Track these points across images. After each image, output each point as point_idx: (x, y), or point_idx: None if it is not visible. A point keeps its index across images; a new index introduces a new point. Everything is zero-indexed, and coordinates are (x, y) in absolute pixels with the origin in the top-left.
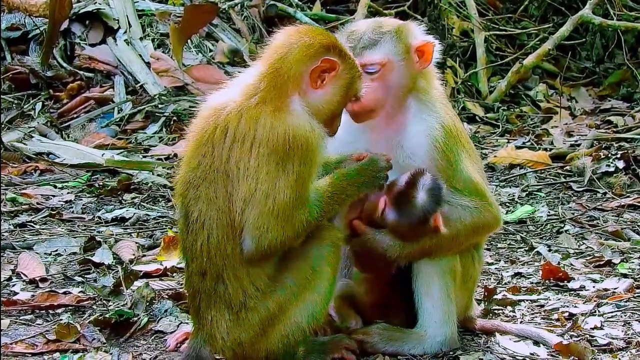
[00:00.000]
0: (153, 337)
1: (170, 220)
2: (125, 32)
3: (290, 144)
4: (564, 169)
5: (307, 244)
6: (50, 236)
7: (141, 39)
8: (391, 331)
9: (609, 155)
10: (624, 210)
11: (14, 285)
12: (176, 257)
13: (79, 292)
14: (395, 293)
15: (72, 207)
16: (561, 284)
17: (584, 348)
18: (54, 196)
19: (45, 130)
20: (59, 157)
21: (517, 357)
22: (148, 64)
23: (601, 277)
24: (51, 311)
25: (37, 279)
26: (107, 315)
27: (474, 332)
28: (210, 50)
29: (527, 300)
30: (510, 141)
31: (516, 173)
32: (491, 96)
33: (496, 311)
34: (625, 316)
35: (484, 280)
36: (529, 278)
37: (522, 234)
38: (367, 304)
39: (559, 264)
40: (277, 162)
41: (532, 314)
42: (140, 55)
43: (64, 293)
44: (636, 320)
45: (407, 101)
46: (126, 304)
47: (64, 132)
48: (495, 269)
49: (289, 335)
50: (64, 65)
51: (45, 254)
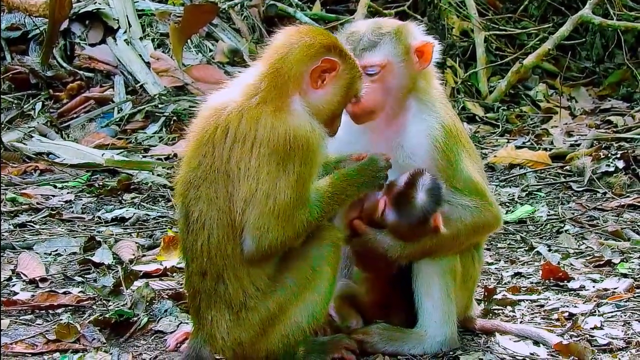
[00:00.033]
0: (153, 337)
1: (170, 220)
2: (125, 32)
3: (291, 144)
4: (564, 168)
5: (307, 244)
6: (50, 236)
7: (141, 38)
8: (391, 331)
9: (609, 155)
10: (624, 210)
11: (14, 285)
12: (176, 257)
13: (79, 292)
14: (395, 292)
15: (72, 207)
16: (561, 283)
17: (584, 348)
18: (54, 196)
19: (45, 130)
20: (59, 157)
21: (517, 357)
22: (148, 63)
23: (601, 277)
24: (51, 311)
25: (37, 279)
26: (107, 315)
27: (474, 332)
28: (210, 50)
29: (527, 300)
30: (510, 141)
31: (516, 173)
32: (491, 96)
33: (496, 311)
34: (625, 316)
35: (483, 280)
36: (528, 278)
37: (522, 233)
38: (368, 304)
39: (558, 263)
40: (278, 162)
41: (532, 313)
42: (140, 55)
43: (64, 293)
44: (636, 320)
45: (407, 102)
46: (126, 304)
47: (64, 132)
48: (495, 268)
49: (289, 335)
50: (64, 65)
51: (45, 254)
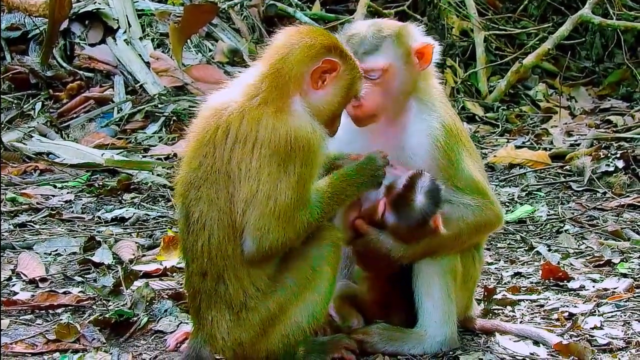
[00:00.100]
0: (153, 337)
1: (170, 220)
2: (125, 32)
3: (292, 145)
4: (564, 168)
5: (307, 244)
6: (50, 236)
7: (141, 38)
8: (391, 331)
9: (609, 154)
10: (624, 210)
11: (14, 285)
12: (176, 257)
13: (79, 292)
14: (395, 292)
15: (72, 207)
16: (561, 283)
17: (584, 348)
18: (53, 196)
19: (45, 130)
20: (58, 157)
21: (517, 357)
22: (148, 63)
23: (601, 277)
24: (51, 311)
25: (37, 278)
26: (107, 315)
27: (474, 332)
28: (210, 50)
29: (526, 300)
30: (509, 141)
31: (516, 173)
32: (491, 96)
33: (496, 311)
34: (625, 316)
35: (483, 280)
36: (528, 278)
37: (522, 233)
38: (369, 303)
39: (558, 263)
40: (279, 164)
41: (532, 313)
42: (140, 55)
43: (64, 293)
44: (636, 320)
45: (407, 102)
46: (126, 304)
47: (63, 132)
48: (495, 268)
49: (289, 335)
50: (64, 65)
51: (45, 253)
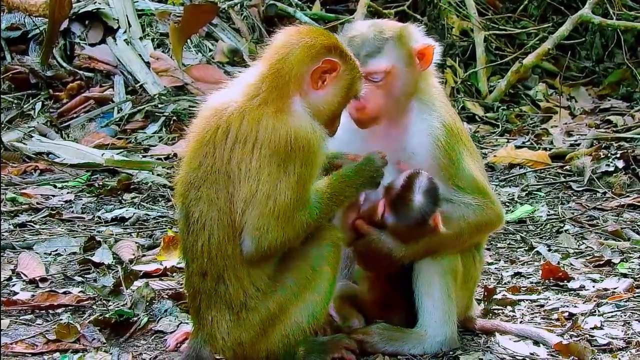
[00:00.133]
0: (153, 337)
1: (170, 220)
2: (125, 31)
3: (292, 145)
4: (564, 168)
5: (307, 244)
6: (50, 236)
7: (141, 38)
8: (391, 331)
9: (609, 154)
10: (624, 210)
11: (14, 285)
12: (176, 257)
13: (79, 292)
14: (396, 291)
15: (72, 207)
16: (561, 283)
17: (584, 348)
18: (53, 196)
19: (45, 130)
20: (58, 157)
21: (517, 357)
22: (148, 63)
23: (601, 277)
24: (51, 311)
25: (37, 278)
26: (107, 315)
27: (474, 332)
28: (210, 50)
29: (527, 300)
30: (510, 141)
31: (516, 173)
32: (491, 96)
33: (496, 311)
34: (625, 316)
35: (483, 280)
36: (528, 278)
37: (522, 233)
38: (369, 303)
39: (558, 263)
40: (279, 164)
41: (532, 313)
42: (140, 55)
43: (64, 293)
44: (636, 320)
45: (409, 103)
46: (126, 303)
47: (63, 132)
48: (495, 268)
49: (290, 335)
50: (64, 65)
51: (45, 253)
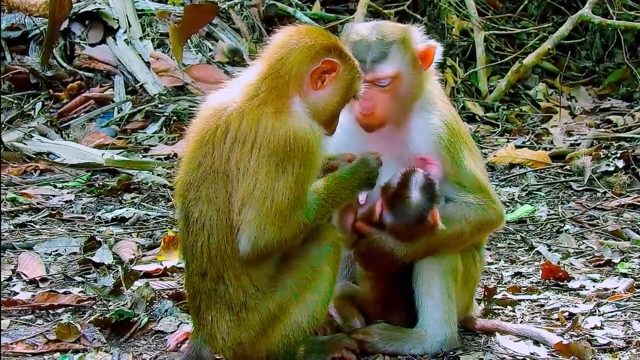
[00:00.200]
0: (153, 337)
1: (170, 220)
2: (125, 32)
3: (291, 145)
4: (564, 168)
5: (307, 243)
6: (51, 236)
7: (141, 38)
8: (391, 331)
9: (609, 154)
10: (624, 210)
11: (14, 285)
12: (176, 257)
13: (79, 292)
14: (396, 291)
15: (72, 207)
16: (561, 283)
17: (584, 348)
18: (54, 196)
19: (45, 130)
20: (59, 157)
21: (517, 357)
22: (148, 63)
23: (601, 277)
24: (51, 311)
25: (38, 279)
26: (107, 315)
27: (474, 332)
28: (210, 50)
29: (527, 300)
30: (510, 140)
31: (516, 172)
32: (491, 95)
33: (496, 311)
34: (625, 316)
35: (484, 280)
36: (529, 278)
37: (522, 233)
38: (370, 301)
39: (558, 263)
40: (277, 164)
41: (532, 313)
42: (140, 55)
43: (64, 293)
44: (636, 320)
45: (413, 104)
46: (126, 304)
47: (64, 132)
48: (495, 268)
49: (290, 335)
50: (64, 65)
51: (45, 254)
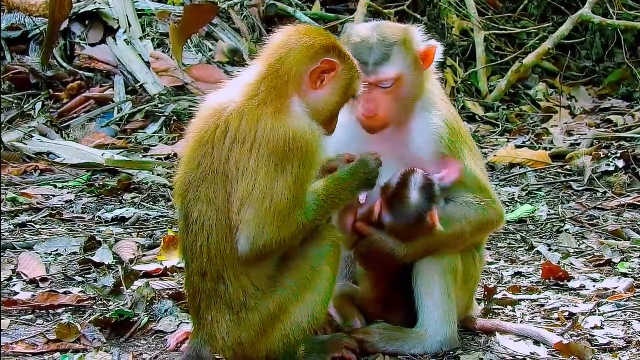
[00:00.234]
0: (153, 337)
1: (171, 220)
2: (125, 32)
3: (290, 146)
4: (564, 168)
5: (307, 243)
6: (51, 236)
7: (141, 38)
8: (391, 331)
9: (609, 154)
10: (624, 210)
11: (14, 285)
12: (176, 257)
13: (80, 292)
14: (396, 291)
15: (72, 207)
16: (561, 283)
17: (584, 348)
18: (54, 196)
19: (45, 130)
20: (59, 157)
21: (518, 357)
22: (148, 63)
23: (601, 277)
24: (52, 311)
25: (38, 279)
26: (107, 315)
27: (475, 332)
28: (210, 50)
29: (527, 299)
30: (510, 140)
31: (516, 172)
32: (491, 95)
33: (496, 311)
34: (626, 316)
35: (484, 279)
36: (529, 277)
37: (522, 233)
38: (370, 301)
39: (559, 263)
40: (277, 164)
41: (533, 313)
42: (140, 55)
43: (65, 293)
44: (636, 320)
45: (415, 104)
46: (126, 304)
47: (64, 132)
48: (496, 268)
49: (290, 335)
50: (64, 65)
51: (45, 254)
